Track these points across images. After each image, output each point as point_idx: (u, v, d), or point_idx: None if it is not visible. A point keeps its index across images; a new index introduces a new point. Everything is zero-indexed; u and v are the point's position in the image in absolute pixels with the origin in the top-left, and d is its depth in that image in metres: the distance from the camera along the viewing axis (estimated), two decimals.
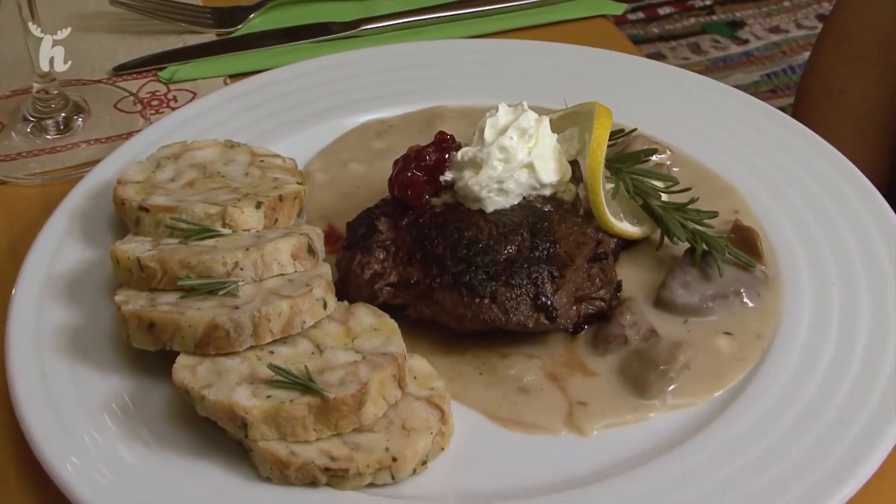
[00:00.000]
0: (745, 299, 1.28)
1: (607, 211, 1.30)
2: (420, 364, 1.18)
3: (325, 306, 1.18)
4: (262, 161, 1.41)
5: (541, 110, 1.34)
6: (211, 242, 1.24)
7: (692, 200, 1.33)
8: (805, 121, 1.57)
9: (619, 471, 1.10)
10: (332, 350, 1.15)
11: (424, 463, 1.10)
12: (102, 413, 1.15)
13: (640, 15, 4.17)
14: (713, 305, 1.27)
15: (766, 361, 1.21)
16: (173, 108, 1.67)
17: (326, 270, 1.23)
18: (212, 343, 1.12)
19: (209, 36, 1.86)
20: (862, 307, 1.25)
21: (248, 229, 1.27)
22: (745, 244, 1.32)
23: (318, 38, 1.83)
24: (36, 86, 1.59)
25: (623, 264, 1.34)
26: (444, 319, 1.22)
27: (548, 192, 1.29)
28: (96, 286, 1.29)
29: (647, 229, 1.35)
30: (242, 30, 1.87)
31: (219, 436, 1.11)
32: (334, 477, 1.07)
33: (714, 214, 1.32)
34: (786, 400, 1.16)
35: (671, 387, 1.19)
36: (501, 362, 1.23)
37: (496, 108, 1.30)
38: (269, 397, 1.07)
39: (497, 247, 1.22)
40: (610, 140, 1.31)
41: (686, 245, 1.31)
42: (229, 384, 1.09)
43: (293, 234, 1.24)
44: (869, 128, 1.97)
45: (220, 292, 1.17)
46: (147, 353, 1.17)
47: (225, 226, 1.26)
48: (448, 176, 1.30)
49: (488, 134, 1.28)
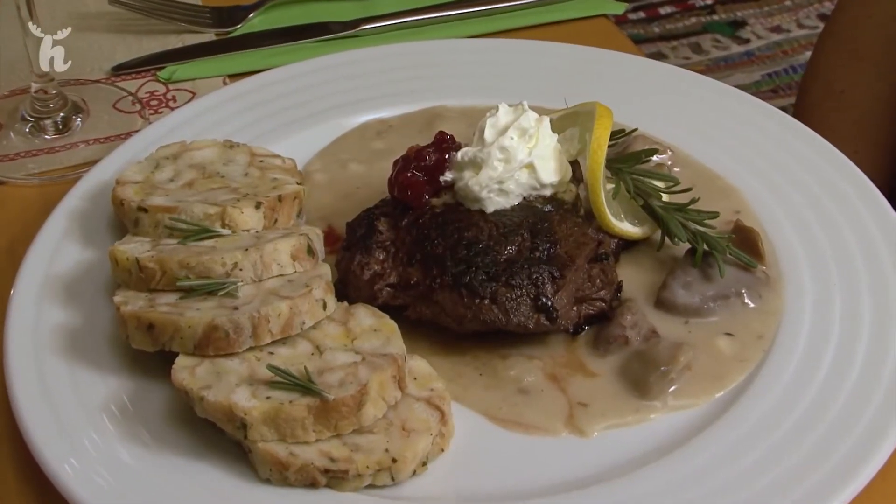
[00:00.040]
0: (747, 300, 1.28)
1: (608, 211, 1.30)
2: (420, 365, 1.18)
3: (324, 307, 1.18)
4: (262, 161, 1.41)
5: (541, 110, 1.33)
6: (210, 243, 1.23)
7: (693, 201, 1.32)
8: (806, 121, 1.56)
9: (620, 472, 1.10)
10: (331, 351, 1.14)
11: (424, 464, 1.10)
12: (101, 414, 1.14)
13: (641, 14, 4.16)
14: (714, 306, 1.27)
15: (767, 362, 1.21)
16: (172, 108, 1.67)
17: (326, 271, 1.23)
18: (211, 344, 1.12)
19: (208, 35, 1.86)
20: (863, 308, 1.25)
21: (248, 230, 1.26)
22: (746, 245, 1.31)
23: (318, 38, 1.83)
24: (34, 86, 1.59)
25: (624, 265, 1.34)
26: (444, 320, 1.22)
27: (548, 192, 1.29)
28: (95, 287, 1.29)
29: (648, 230, 1.35)
30: (242, 29, 1.87)
31: (218, 437, 1.11)
32: (334, 478, 1.07)
33: (715, 215, 1.32)
34: (787, 401, 1.16)
35: (672, 388, 1.19)
36: (501, 363, 1.23)
37: (496, 108, 1.30)
38: (268, 398, 1.07)
39: (497, 247, 1.22)
40: (611, 140, 1.31)
41: (687, 246, 1.31)
42: (228, 385, 1.09)
43: (292, 235, 1.24)
44: (870, 128, 1.97)
45: (220, 293, 1.17)
46: (146, 354, 1.17)
47: (224, 226, 1.26)
48: (448, 176, 1.29)
49: (488, 134, 1.28)
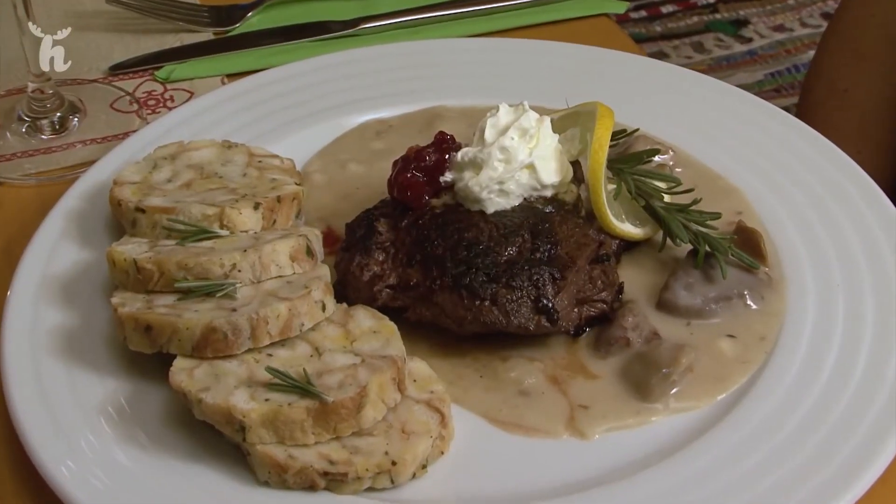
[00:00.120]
0: (749, 301, 1.27)
1: (609, 212, 1.29)
2: (420, 367, 1.17)
3: (323, 308, 1.18)
4: (260, 161, 1.41)
5: (542, 110, 1.33)
6: (208, 244, 1.23)
7: (695, 201, 1.32)
8: (809, 120, 1.56)
9: (621, 475, 1.10)
10: (330, 353, 1.14)
11: (424, 467, 1.10)
12: (98, 416, 1.14)
13: (643, 13, 4.15)
14: (716, 307, 1.27)
15: (769, 364, 1.20)
16: (170, 108, 1.66)
17: (325, 272, 1.22)
18: (209, 346, 1.12)
19: (206, 35, 1.85)
20: (866, 309, 1.25)
21: (246, 230, 1.26)
22: (748, 246, 1.31)
23: (317, 37, 1.82)
24: (31, 85, 1.58)
25: (625, 266, 1.34)
26: (444, 322, 1.22)
27: (549, 192, 1.29)
28: (92, 288, 1.29)
29: (650, 231, 1.34)
30: (240, 28, 1.87)
31: (216, 439, 1.11)
32: (333, 481, 1.06)
33: (717, 216, 1.32)
34: (789, 403, 1.15)
35: (674, 390, 1.18)
36: (502, 365, 1.22)
37: (497, 108, 1.30)
38: (267, 400, 1.07)
39: (497, 248, 1.21)
40: (612, 140, 1.31)
41: (689, 247, 1.31)
42: (227, 387, 1.08)
43: (291, 236, 1.23)
44: (874, 128, 1.97)
45: (218, 294, 1.16)
46: (144, 356, 1.16)
47: (222, 227, 1.25)
48: (448, 177, 1.29)
49: (489, 134, 1.27)
